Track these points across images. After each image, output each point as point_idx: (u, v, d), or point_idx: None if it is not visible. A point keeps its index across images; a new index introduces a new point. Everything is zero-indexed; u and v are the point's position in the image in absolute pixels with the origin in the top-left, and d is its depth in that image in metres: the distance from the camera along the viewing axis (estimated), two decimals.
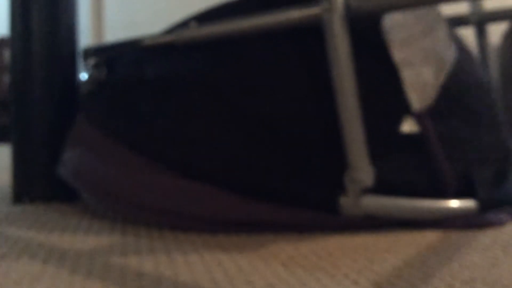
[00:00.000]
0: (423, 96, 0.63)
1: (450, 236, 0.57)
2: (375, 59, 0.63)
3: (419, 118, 0.62)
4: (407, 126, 0.61)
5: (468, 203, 0.61)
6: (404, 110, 0.62)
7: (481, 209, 0.61)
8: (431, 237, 0.57)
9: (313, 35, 0.63)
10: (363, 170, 0.59)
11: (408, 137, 0.61)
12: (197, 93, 0.67)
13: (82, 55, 0.84)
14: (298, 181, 0.61)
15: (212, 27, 0.67)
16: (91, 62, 0.81)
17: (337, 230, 0.60)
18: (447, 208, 0.60)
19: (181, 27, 0.72)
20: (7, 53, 2.91)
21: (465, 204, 0.61)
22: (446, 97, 0.64)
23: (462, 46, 0.71)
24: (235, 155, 0.63)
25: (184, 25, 0.72)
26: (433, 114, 0.63)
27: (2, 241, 0.58)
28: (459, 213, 0.60)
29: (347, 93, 0.59)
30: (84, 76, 0.82)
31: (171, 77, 0.71)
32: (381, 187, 0.59)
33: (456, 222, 0.60)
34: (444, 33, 0.68)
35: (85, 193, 0.76)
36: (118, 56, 0.79)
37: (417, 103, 0.62)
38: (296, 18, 0.63)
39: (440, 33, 0.67)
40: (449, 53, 0.67)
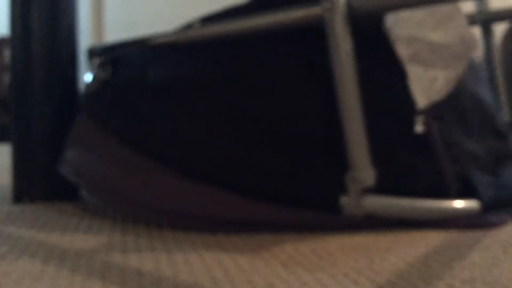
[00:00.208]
0: (429, 93, 0.62)
1: (450, 236, 0.57)
2: (377, 58, 0.63)
3: (424, 116, 0.61)
4: (411, 125, 0.61)
5: (469, 204, 0.61)
6: (408, 109, 0.62)
7: (482, 209, 0.61)
8: (431, 237, 0.57)
9: (313, 35, 0.63)
10: (364, 169, 0.59)
11: (411, 136, 0.61)
12: (197, 93, 0.67)
13: (87, 55, 0.84)
14: (298, 181, 0.61)
15: (216, 27, 0.67)
16: (96, 62, 0.81)
17: (337, 230, 0.60)
18: (448, 208, 0.60)
19: (187, 29, 0.72)
20: (7, 53, 2.91)
21: (466, 204, 0.61)
22: (447, 96, 0.64)
23: None
24: (236, 155, 0.63)
25: (189, 27, 0.72)
26: (435, 113, 0.63)
27: (2, 240, 0.58)
28: (460, 214, 0.60)
29: (349, 92, 0.59)
30: (88, 76, 0.82)
31: (172, 77, 0.71)
32: (382, 187, 0.59)
33: (457, 222, 0.60)
34: (462, 22, 0.66)
35: (86, 192, 0.76)
36: (122, 56, 0.79)
37: (422, 100, 0.62)
38: (297, 18, 0.63)
39: (456, 22, 0.65)
40: (468, 42, 0.65)
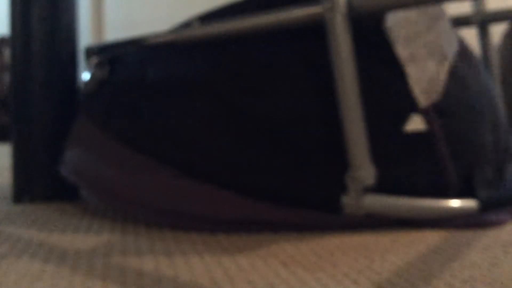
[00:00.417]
0: (429, 92, 0.63)
1: (450, 236, 0.57)
2: (378, 58, 0.63)
3: (426, 115, 0.62)
4: (413, 125, 0.61)
5: (469, 203, 0.61)
6: (409, 108, 0.62)
7: (482, 209, 0.61)
8: (431, 237, 0.57)
9: (313, 35, 0.63)
10: (364, 169, 0.59)
11: (413, 135, 0.61)
12: (197, 93, 0.67)
13: (84, 54, 0.84)
14: (298, 180, 0.61)
15: (215, 26, 0.67)
16: (93, 61, 0.81)
17: (337, 230, 0.60)
18: (449, 208, 0.60)
19: (184, 28, 0.72)
20: (7, 53, 2.91)
21: (466, 203, 0.61)
22: (447, 94, 0.64)
23: (462, 45, 0.71)
24: (236, 155, 0.63)
25: (187, 26, 0.72)
26: (437, 112, 0.63)
27: (2, 240, 0.58)
28: (461, 213, 0.60)
29: (349, 92, 0.59)
30: (86, 75, 0.82)
31: (171, 77, 0.71)
32: (383, 186, 0.59)
33: (457, 221, 0.60)
34: (447, 24, 0.67)
35: (85, 192, 0.76)
36: (120, 55, 0.79)
37: (423, 99, 0.62)
38: (298, 18, 0.63)
39: (442, 23, 0.67)
40: (452, 43, 0.66)
